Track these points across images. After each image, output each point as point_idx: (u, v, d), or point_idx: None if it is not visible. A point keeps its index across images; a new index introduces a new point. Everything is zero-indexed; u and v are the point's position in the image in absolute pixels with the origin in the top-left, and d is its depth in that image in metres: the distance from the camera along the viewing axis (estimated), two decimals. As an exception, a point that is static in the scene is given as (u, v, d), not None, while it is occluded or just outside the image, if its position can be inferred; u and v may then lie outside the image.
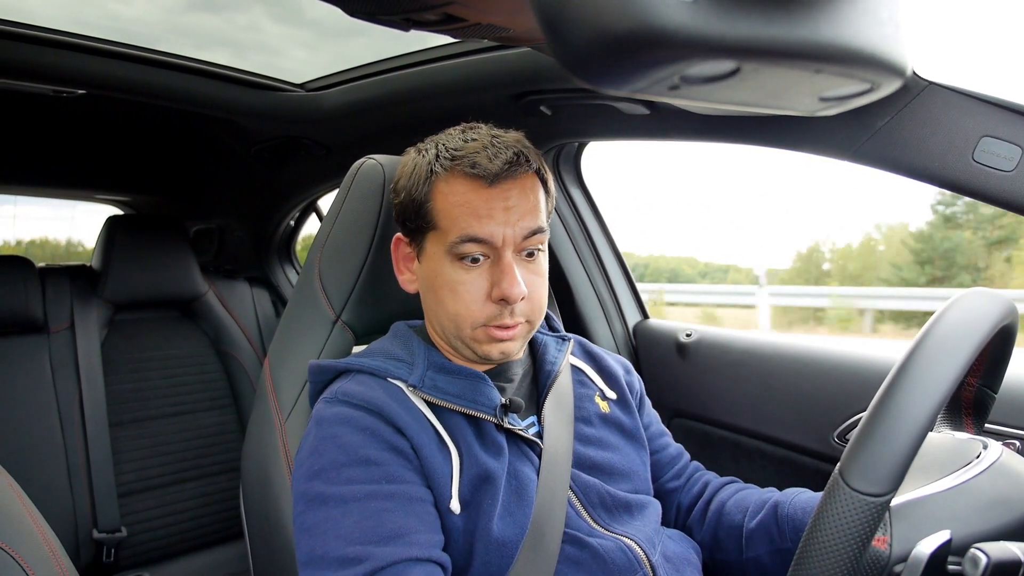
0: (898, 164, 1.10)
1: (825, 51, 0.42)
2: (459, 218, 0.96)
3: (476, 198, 0.96)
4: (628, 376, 1.23)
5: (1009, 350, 0.86)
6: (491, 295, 0.96)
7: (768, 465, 1.53)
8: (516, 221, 0.96)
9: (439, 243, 0.98)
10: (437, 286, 1.00)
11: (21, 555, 0.76)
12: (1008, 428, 1.17)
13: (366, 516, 0.86)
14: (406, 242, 1.06)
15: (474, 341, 1.00)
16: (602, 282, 1.88)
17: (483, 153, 0.96)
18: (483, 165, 0.95)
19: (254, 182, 2.53)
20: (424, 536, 0.87)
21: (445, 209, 0.97)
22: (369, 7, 0.73)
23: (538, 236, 0.99)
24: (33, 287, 2.09)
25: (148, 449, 2.19)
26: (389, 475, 0.89)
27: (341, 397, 0.97)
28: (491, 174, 0.95)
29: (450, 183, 0.98)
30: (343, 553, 0.84)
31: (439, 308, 1.01)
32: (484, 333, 0.98)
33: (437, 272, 0.99)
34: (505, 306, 0.96)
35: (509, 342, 0.99)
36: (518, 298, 0.95)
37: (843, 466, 0.64)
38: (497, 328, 0.98)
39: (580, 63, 0.40)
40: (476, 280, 0.97)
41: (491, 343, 0.99)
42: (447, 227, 0.97)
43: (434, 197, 0.98)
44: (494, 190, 0.96)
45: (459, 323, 0.99)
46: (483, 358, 1.02)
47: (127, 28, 1.60)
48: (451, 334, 1.01)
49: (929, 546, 0.65)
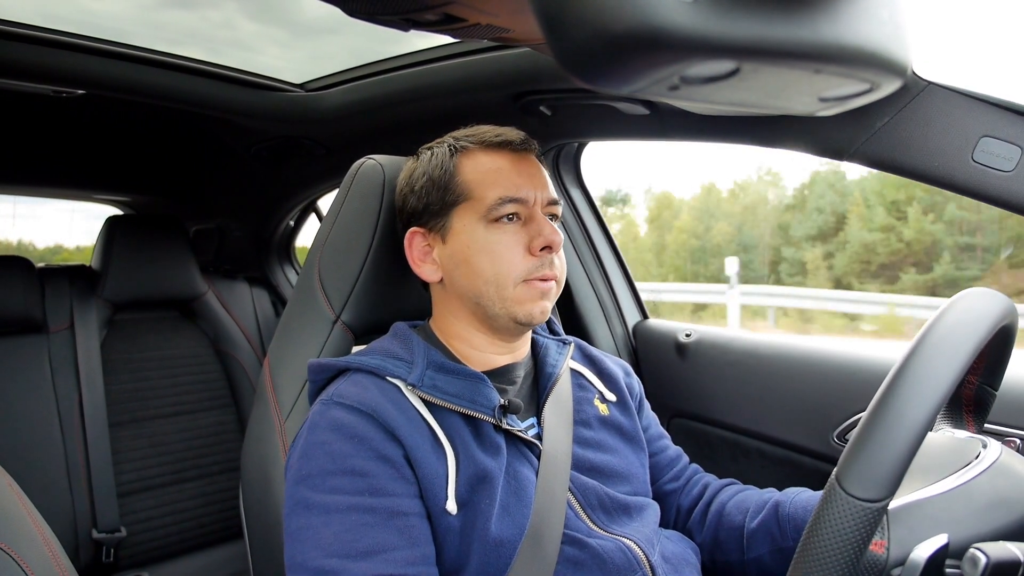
0: (898, 164, 1.10)
1: (825, 51, 0.42)
2: (495, 182, 1.03)
3: (507, 164, 1.05)
4: (628, 378, 1.23)
5: (1009, 350, 0.85)
6: (531, 247, 1.02)
7: (768, 465, 1.53)
8: (541, 186, 1.05)
9: (471, 212, 1.03)
10: (471, 254, 1.03)
11: (20, 555, 0.76)
12: (1008, 428, 1.17)
13: (346, 528, 0.87)
14: (422, 233, 1.09)
15: (516, 302, 1.02)
16: (601, 282, 1.88)
17: (502, 129, 1.08)
18: (507, 136, 1.07)
19: (254, 182, 2.53)
20: (402, 553, 0.87)
21: (476, 178, 1.04)
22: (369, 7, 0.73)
23: (557, 206, 1.08)
24: (32, 287, 2.09)
25: (148, 449, 2.18)
26: (373, 487, 0.89)
27: (336, 399, 0.97)
28: (516, 143, 1.06)
29: (475, 156, 1.06)
30: (320, 564, 0.85)
31: (476, 278, 1.03)
32: (526, 289, 1.01)
33: (470, 242, 1.03)
34: (546, 256, 1.02)
35: (547, 300, 1.04)
36: (559, 244, 1.03)
37: (840, 471, 0.64)
38: (540, 280, 1.02)
39: (580, 63, 0.40)
40: (513, 237, 1.02)
41: (534, 299, 1.02)
42: (481, 194, 1.03)
43: (461, 171, 1.05)
44: (519, 158, 1.06)
45: (501, 282, 1.01)
46: (525, 322, 1.03)
47: (99, 23, 1.58)
48: (492, 301, 1.02)
49: (926, 550, 0.65)
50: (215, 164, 2.58)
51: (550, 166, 1.82)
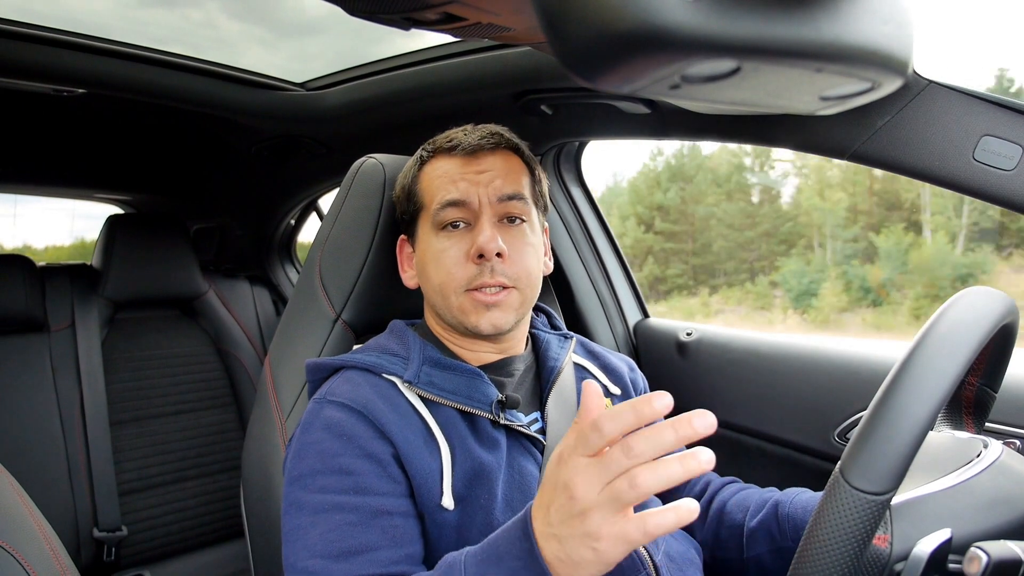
0: (899, 163, 1.10)
1: (826, 50, 0.41)
2: (439, 188, 1.04)
3: (453, 167, 1.04)
4: (632, 374, 1.23)
5: (1009, 349, 0.86)
6: (469, 254, 1.00)
7: (769, 464, 1.53)
8: (490, 183, 1.02)
9: (426, 221, 1.05)
10: (425, 263, 1.05)
11: (22, 554, 0.76)
12: (1008, 427, 1.17)
13: (330, 528, 0.87)
14: (407, 240, 1.13)
15: (461, 312, 1.01)
16: (602, 281, 1.88)
17: (461, 134, 1.07)
18: (459, 139, 1.05)
19: (255, 181, 2.53)
20: (385, 553, 0.86)
21: (427, 186, 1.06)
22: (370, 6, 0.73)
23: (516, 202, 1.04)
24: (34, 286, 2.09)
25: (149, 448, 2.19)
26: (359, 486, 0.90)
27: (329, 397, 0.97)
28: (467, 146, 1.04)
29: (433, 163, 1.07)
30: (305, 565, 0.86)
31: (428, 286, 1.05)
32: (469, 300, 1.01)
33: (425, 250, 1.05)
34: (483, 264, 0.99)
35: (496, 309, 1.01)
36: (492, 251, 0.98)
37: (844, 464, 0.64)
38: (480, 291, 1.00)
39: (581, 62, 0.40)
40: (456, 245, 1.02)
41: (478, 312, 1.00)
42: (429, 200, 1.05)
43: (420, 180, 1.08)
44: (471, 160, 1.05)
45: (444, 292, 1.02)
46: (474, 332, 1.02)
47: (79, 19, 1.57)
48: (442, 310, 1.04)
49: (929, 545, 0.65)
50: (216, 163, 2.58)
51: (551, 165, 1.82)
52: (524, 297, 1.04)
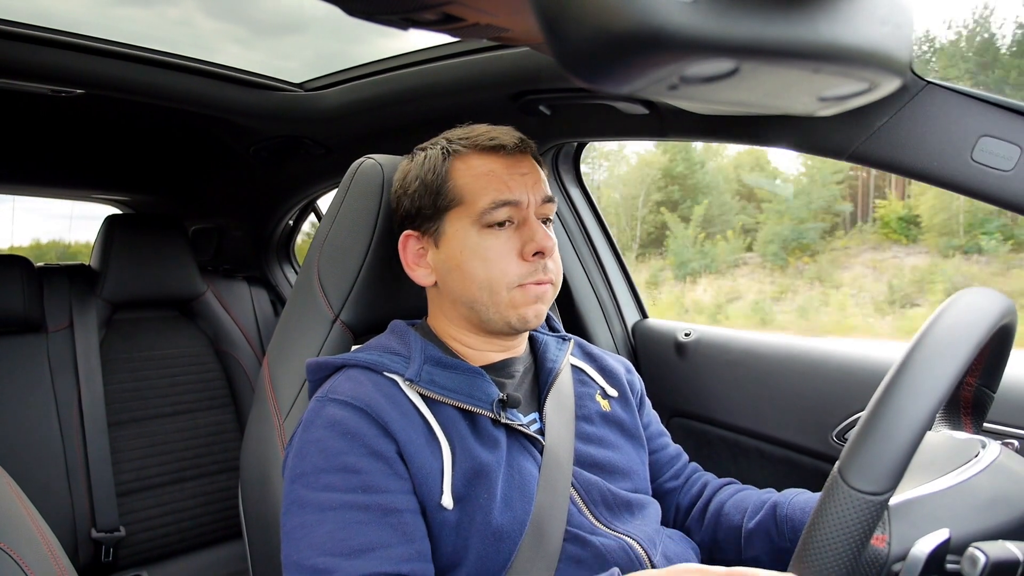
0: (897, 164, 1.10)
1: (824, 51, 0.41)
2: (487, 187, 1.02)
3: (500, 167, 1.03)
4: (629, 375, 1.24)
5: (1008, 349, 0.86)
6: (523, 253, 1.01)
7: (767, 464, 1.53)
8: (534, 187, 1.04)
9: (464, 217, 1.02)
10: (464, 260, 1.02)
11: (20, 554, 0.76)
12: (1007, 427, 1.17)
13: (339, 527, 0.87)
14: (416, 236, 1.08)
15: (511, 307, 1.01)
16: (601, 282, 1.88)
17: (495, 131, 1.07)
18: (500, 139, 1.05)
19: (253, 182, 2.52)
20: (396, 550, 0.87)
21: (468, 183, 1.03)
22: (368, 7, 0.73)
23: (551, 204, 1.07)
24: (32, 287, 2.09)
25: (147, 448, 2.18)
26: (366, 484, 0.89)
27: (331, 395, 0.97)
28: (509, 145, 1.04)
29: (468, 160, 1.04)
30: (313, 563, 0.86)
31: (468, 283, 1.02)
32: (521, 293, 1.01)
33: (463, 247, 1.02)
34: (539, 261, 1.01)
35: (541, 302, 1.03)
36: (551, 249, 1.02)
37: (842, 465, 0.64)
38: (535, 284, 1.01)
39: (579, 63, 0.40)
40: (506, 242, 1.01)
41: (528, 304, 1.01)
42: (473, 199, 1.02)
43: (453, 176, 1.04)
44: (512, 160, 1.04)
45: (494, 287, 1.01)
46: (519, 327, 1.03)
47: (52, 14, 1.55)
48: (486, 306, 1.02)
49: (928, 545, 0.65)
50: (214, 163, 2.58)
51: (549, 166, 1.82)
52: (556, 292, 1.07)
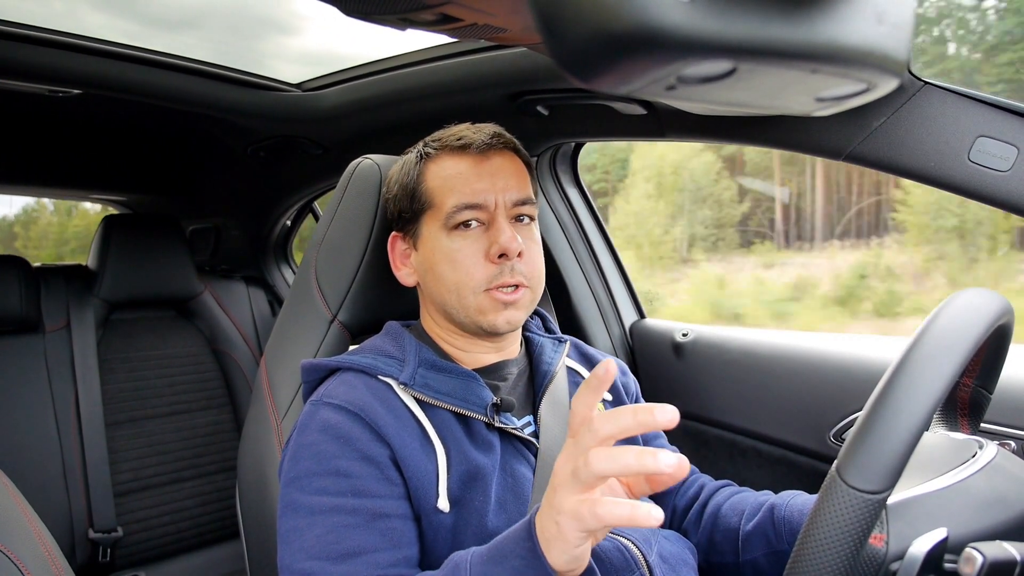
0: (894, 164, 1.10)
1: (821, 51, 0.42)
2: (453, 189, 1.02)
3: (466, 168, 1.03)
4: (623, 377, 1.23)
5: (1005, 349, 0.86)
6: (489, 254, 1.00)
7: (764, 464, 1.53)
8: (504, 187, 1.02)
9: (435, 220, 1.03)
10: (435, 262, 1.02)
11: (17, 555, 0.75)
12: (1004, 428, 1.17)
13: (328, 530, 0.87)
14: (401, 237, 1.10)
15: (479, 312, 1.01)
16: (598, 282, 1.88)
17: (467, 131, 1.06)
18: (468, 137, 1.04)
19: (251, 182, 2.52)
20: (383, 555, 0.86)
21: (437, 185, 1.03)
22: (366, 7, 0.73)
23: (527, 206, 1.05)
24: (29, 286, 2.09)
25: (144, 449, 2.18)
26: (357, 488, 0.89)
27: (325, 399, 0.97)
28: (478, 144, 1.03)
29: (439, 162, 1.05)
30: (302, 567, 0.86)
31: (440, 286, 1.03)
32: (488, 299, 1.00)
33: (434, 249, 1.02)
34: (504, 263, 1.00)
35: (513, 308, 1.02)
36: (515, 251, 0.99)
37: (840, 463, 0.64)
38: (500, 290, 1.00)
39: (576, 63, 0.40)
40: (473, 244, 1.01)
41: (496, 310, 1.01)
42: (441, 201, 1.02)
43: (426, 178, 1.04)
44: (482, 160, 1.03)
45: (461, 291, 1.01)
46: (490, 331, 1.02)
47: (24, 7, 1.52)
48: (455, 310, 1.02)
49: (925, 544, 0.65)
50: (212, 164, 2.58)
51: (547, 166, 1.82)
52: (534, 295, 1.05)
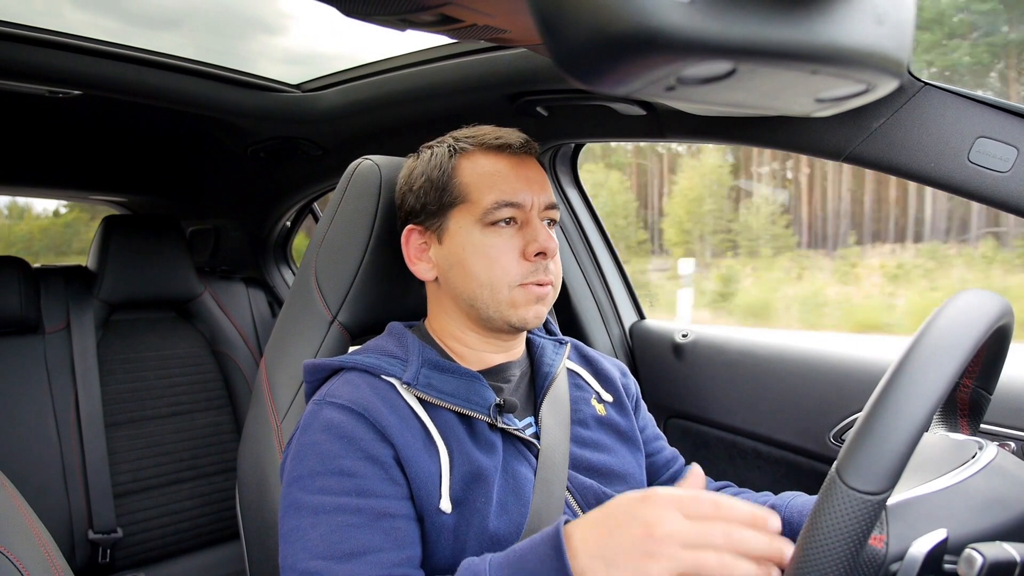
0: (894, 165, 1.11)
1: (821, 52, 0.42)
2: (492, 186, 1.02)
3: (506, 167, 1.04)
4: (624, 379, 1.24)
5: (1005, 350, 0.86)
6: (525, 253, 1.01)
7: (764, 465, 1.53)
8: (539, 190, 1.05)
9: (468, 215, 1.03)
10: (466, 257, 1.03)
11: (16, 556, 0.75)
12: (1004, 429, 1.17)
13: (332, 530, 0.87)
14: (419, 231, 1.09)
15: (511, 306, 1.02)
16: (598, 283, 1.88)
17: (503, 132, 1.07)
18: (507, 138, 1.06)
19: (251, 183, 2.52)
20: (387, 555, 0.86)
21: (474, 181, 1.04)
22: (366, 8, 0.73)
23: (555, 210, 1.08)
24: (28, 287, 2.09)
25: (144, 450, 2.18)
26: (360, 488, 0.89)
27: (328, 399, 0.97)
28: (515, 145, 1.05)
29: (474, 158, 1.06)
30: (306, 567, 0.86)
31: (470, 280, 1.03)
32: (523, 292, 1.01)
33: (465, 244, 1.03)
34: (540, 262, 1.02)
35: (542, 304, 1.04)
36: (553, 251, 1.03)
37: (840, 464, 0.64)
38: (536, 284, 1.02)
39: (576, 64, 0.40)
40: (508, 241, 1.02)
41: (529, 304, 1.02)
42: (478, 197, 1.02)
43: (459, 173, 1.05)
44: (518, 161, 1.06)
45: (495, 286, 1.01)
46: (519, 326, 1.03)
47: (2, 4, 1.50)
48: (486, 304, 1.02)
49: (925, 545, 0.65)
50: (212, 164, 2.58)
51: (547, 167, 1.82)
52: (555, 295, 1.07)
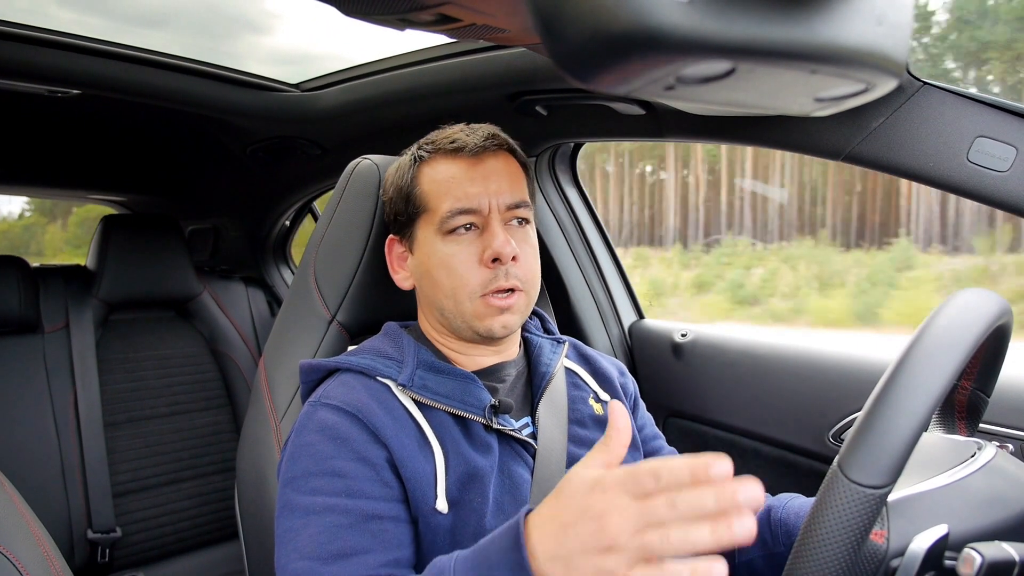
0: (893, 165, 1.11)
1: (820, 52, 0.42)
2: (447, 193, 1.01)
3: (459, 172, 1.02)
4: (622, 378, 1.23)
5: (1003, 351, 0.86)
6: (483, 258, 0.99)
7: (763, 465, 1.53)
8: (498, 191, 1.02)
9: (429, 224, 1.02)
10: (431, 267, 1.02)
11: (16, 555, 0.75)
12: (1003, 429, 1.18)
13: (321, 531, 0.87)
14: (398, 240, 1.10)
15: (475, 317, 1.01)
16: (598, 282, 1.87)
17: (460, 133, 1.05)
18: (462, 140, 1.03)
19: (250, 182, 2.52)
20: (374, 556, 0.86)
21: (431, 190, 1.03)
22: (365, 7, 0.73)
23: (522, 209, 1.04)
24: (28, 287, 2.08)
25: (143, 449, 2.18)
26: (351, 489, 0.90)
27: (323, 400, 0.97)
28: (471, 147, 1.02)
29: (433, 165, 1.04)
30: (295, 567, 0.86)
31: (436, 291, 1.03)
32: (483, 304, 1.00)
33: (430, 254, 1.02)
34: (498, 267, 0.99)
35: (508, 313, 1.01)
36: (508, 255, 0.99)
37: (842, 459, 0.64)
38: (495, 295, 1.00)
39: (575, 63, 0.40)
40: (467, 248, 1.00)
41: (492, 316, 1.00)
42: (435, 205, 1.02)
43: (420, 182, 1.04)
44: (476, 163, 1.03)
45: (457, 297, 1.00)
46: (486, 336, 1.02)
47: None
48: (452, 315, 1.02)
49: (926, 541, 0.66)
50: (211, 164, 2.58)
51: (546, 166, 1.82)
52: (529, 299, 1.05)
